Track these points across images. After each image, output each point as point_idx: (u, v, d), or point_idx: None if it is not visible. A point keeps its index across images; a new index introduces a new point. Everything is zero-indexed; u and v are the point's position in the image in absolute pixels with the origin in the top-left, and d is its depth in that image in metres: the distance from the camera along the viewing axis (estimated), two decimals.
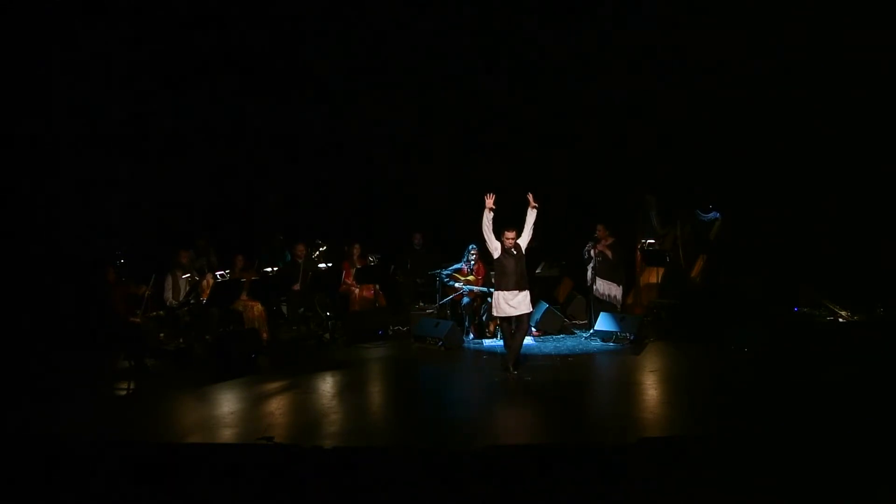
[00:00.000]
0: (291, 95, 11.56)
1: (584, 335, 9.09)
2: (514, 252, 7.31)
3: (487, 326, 9.24)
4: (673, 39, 10.35)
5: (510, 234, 7.26)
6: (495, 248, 7.31)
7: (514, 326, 7.39)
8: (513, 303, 7.25)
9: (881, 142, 9.25)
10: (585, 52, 10.86)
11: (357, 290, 9.89)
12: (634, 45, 10.67)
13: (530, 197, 7.28)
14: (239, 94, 11.30)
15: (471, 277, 9.44)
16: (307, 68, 11.35)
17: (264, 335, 8.82)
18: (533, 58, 11.12)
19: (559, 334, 9.23)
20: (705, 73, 10.28)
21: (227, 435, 5.69)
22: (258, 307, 9.02)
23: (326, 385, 7.30)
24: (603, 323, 8.79)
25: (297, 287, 9.54)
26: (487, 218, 7.20)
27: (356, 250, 10.04)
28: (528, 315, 7.50)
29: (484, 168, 11.56)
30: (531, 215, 7.30)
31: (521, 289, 7.28)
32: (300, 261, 9.73)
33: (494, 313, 7.50)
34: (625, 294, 9.76)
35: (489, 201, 7.18)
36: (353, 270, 9.87)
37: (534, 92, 11.28)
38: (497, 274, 7.37)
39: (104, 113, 10.37)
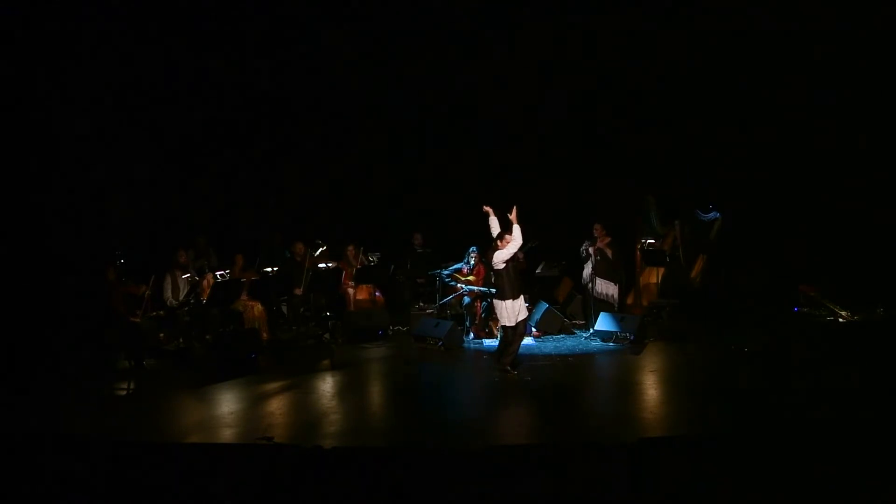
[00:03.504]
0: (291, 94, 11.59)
1: (584, 335, 9.10)
2: (512, 259, 7.34)
3: (486, 325, 9.24)
4: (674, 38, 10.37)
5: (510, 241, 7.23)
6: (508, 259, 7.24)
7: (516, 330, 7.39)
8: (520, 308, 7.27)
9: (882, 140, 9.24)
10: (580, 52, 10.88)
11: (353, 291, 9.88)
12: (634, 45, 10.68)
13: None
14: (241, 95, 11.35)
15: (471, 278, 9.44)
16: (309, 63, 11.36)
17: (264, 335, 8.82)
18: (528, 54, 11.13)
19: (559, 334, 9.22)
20: (705, 72, 10.29)
21: (227, 435, 5.70)
22: (258, 307, 9.02)
23: (326, 385, 7.30)
24: (603, 323, 8.79)
25: (299, 291, 9.51)
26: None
27: (350, 251, 10.01)
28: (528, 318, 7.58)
29: (483, 168, 11.59)
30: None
31: (522, 293, 7.35)
32: (299, 259, 9.72)
33: (507, 323, 7.35)
34: (625, 294, 9.75)
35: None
36: (352, 271, 9.86)
37: (531, 89, 11.28)
38: (507, 283, 7.24)
39: (105, 113, 10.38)
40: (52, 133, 9.99)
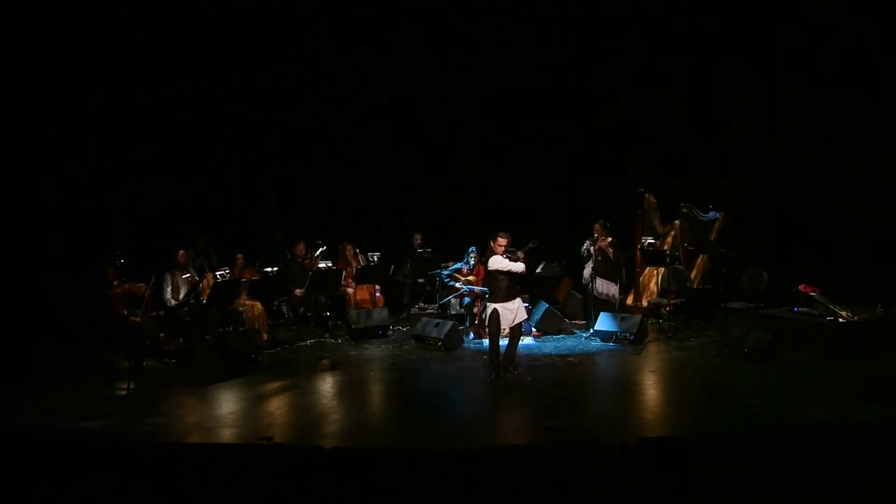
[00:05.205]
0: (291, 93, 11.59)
1: (584, 335, 9.09)
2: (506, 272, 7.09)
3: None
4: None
5: (503, 242, 7.04)
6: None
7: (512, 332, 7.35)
8: (517, 310, 7.18)
9: (882, 138, 9.24)
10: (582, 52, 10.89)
11: (353, 291, 9.87)
12: (635, 45, 10.69)
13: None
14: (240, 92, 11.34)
15: (471, 278, 9.44)
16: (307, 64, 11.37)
17: (264, 335, 8.81)
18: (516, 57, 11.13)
19: (559, 334, 9.22)
20: (702, 70, 10.30)
21: (227, 435, 5.70)
22: (258, 307, 9.01)
23: (326, 385, 7.30)
24: (603, 323, 8.79)
25: (300, 292, 9.50)
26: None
27: (348, 250, 10.00)
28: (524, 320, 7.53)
29: (482, 167, 11.60)
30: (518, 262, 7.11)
31: (517, 296, 7.22)
32: (300, 259, 9.71)
33: (504, 325, 7.19)
34: (625, 294, 9.75)
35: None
36: (352, 270, 9.85)
37: (534, 89, 11.28)
38: (496, 286, 7.12)
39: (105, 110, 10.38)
40: (51, 131, 9.99)
